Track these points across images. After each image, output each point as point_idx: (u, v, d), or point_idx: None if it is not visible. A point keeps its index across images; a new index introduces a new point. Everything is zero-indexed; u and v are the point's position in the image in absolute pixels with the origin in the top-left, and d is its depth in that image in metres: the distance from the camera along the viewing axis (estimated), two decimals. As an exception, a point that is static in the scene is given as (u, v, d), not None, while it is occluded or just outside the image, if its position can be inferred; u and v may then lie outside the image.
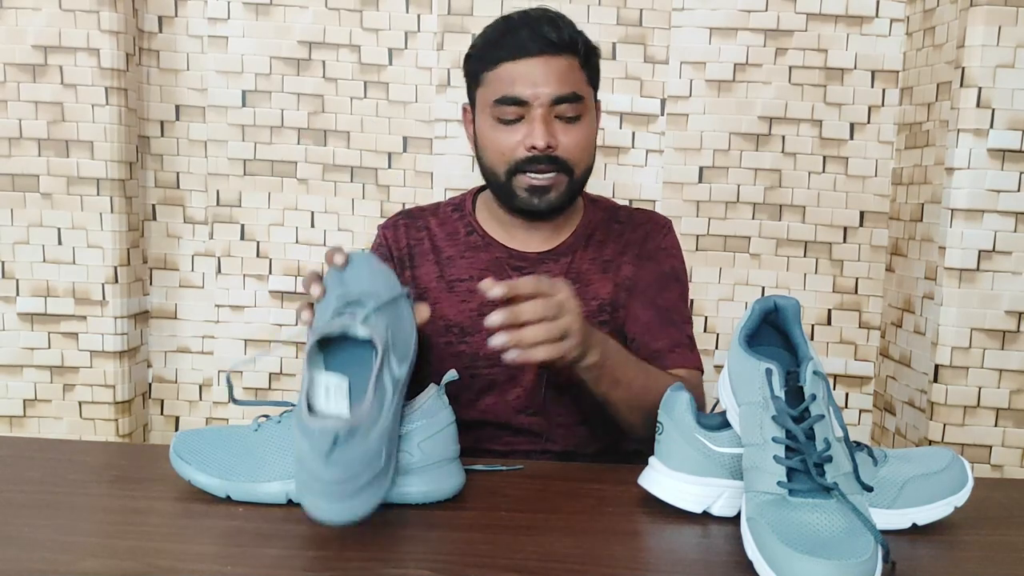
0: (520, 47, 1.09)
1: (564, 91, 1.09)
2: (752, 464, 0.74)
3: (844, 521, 0.68)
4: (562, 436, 1.17)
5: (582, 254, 1.21)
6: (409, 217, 1.26)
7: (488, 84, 1.13)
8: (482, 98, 1.14)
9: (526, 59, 1.09)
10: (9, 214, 1.68)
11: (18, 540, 0.73)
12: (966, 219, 1.48)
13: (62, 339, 1.71)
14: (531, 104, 1.09)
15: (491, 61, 1.12)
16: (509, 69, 1.10)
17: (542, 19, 1.11)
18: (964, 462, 0.82)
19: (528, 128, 1.10)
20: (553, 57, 1.09)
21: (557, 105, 1.09)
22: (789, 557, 0.64)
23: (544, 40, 1.09)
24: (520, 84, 1.09)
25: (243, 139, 1.79)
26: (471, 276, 1.19)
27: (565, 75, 1.10)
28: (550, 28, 1.09)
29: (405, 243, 1.23)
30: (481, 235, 1.22)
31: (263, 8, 1.75)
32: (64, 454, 1.00)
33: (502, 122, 1.11)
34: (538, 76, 1.08)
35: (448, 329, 1.17)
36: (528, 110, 1.10)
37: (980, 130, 1.46)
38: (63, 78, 1.65)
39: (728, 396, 0.81)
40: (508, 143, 1.11)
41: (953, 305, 1.50)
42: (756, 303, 0.83)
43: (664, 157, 1.78)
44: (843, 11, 1.72)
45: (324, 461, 0.69)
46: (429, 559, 0.71)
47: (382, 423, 0.73)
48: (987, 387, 1.52)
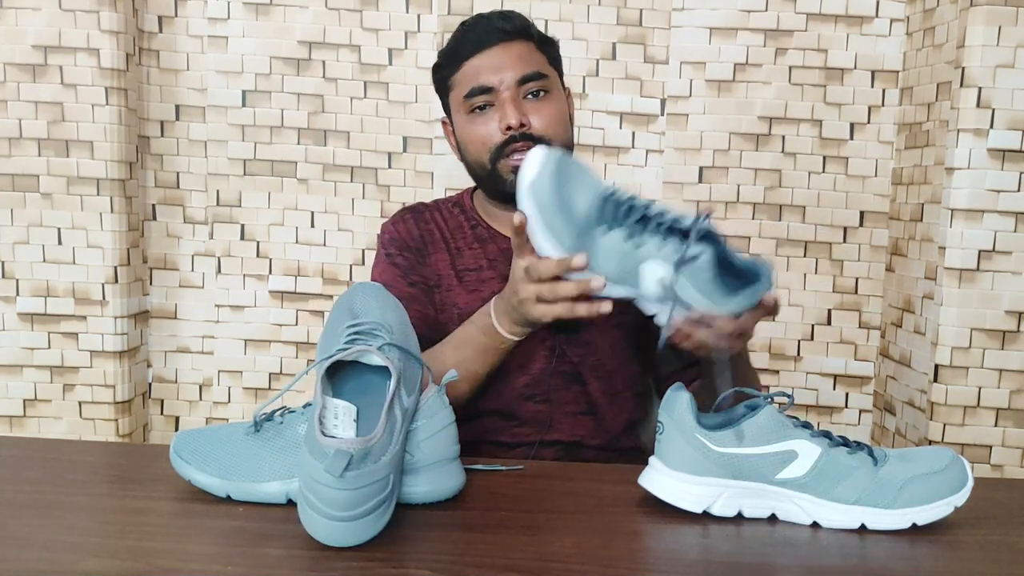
0: (477, 41, 1.17)
1: (527, 71, 1.16)
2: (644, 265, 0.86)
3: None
4: (568, 426, 1.18)
5: None
6: (414, 211, 1.29)
7: (457, 85, 1.19)
8: (455, 101, 1.20)
9: (485, 51, 1.16)
10: (9, 214, 1.68)
11: (18, 540, 0.73)
12: (966, 219, 1.48)
13: (62, 339, 1.71)
14: (498, 89, 1.15)
15: (455, 63, 1.19)
16: (472, 64, 1.17)
17: (492, 15, 1.20)
18: (964, 462, 0.82)
19: (500, 112, 1.15)
20: (509, 43, 1.17)
21: (523, 85, 1.15)
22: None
23: (498, 30, 1.16)
24: (484, 73, 1.15)
25: (243, 139, 1.79)
26: (479, 266, 1.21)
27: (525, 57, 1.17)
28: (501, 20, 1.18)
29: (417, 233, 1.25)
30: (486, 227, 1.24)
31: (263, 8, 1.75)
32: (64, 454, 1.00)
33: (476, 113, 1.17)
34: (499, 62, 1.15)
35: (461, 318, 1.18)
36: (496, 96, 1.15)
37: (980, 130, 1.46)
38: (63, 78, 1.65)
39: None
40: (485, 131, 1.16)
41: (953, 305, 1.50)
42: None
43: (664, 157, 1.78)
44: (843, 11, 1.72)
45: (337, 481, 0.69)
46: (429, 559, 0.71)
47: (392, 449, 0.74)
48: (987, 387, 1.51)
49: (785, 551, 0.75)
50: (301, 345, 1.83)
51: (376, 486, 0.71)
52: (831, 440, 0.82)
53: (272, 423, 0.84)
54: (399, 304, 0.92)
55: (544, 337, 1.17)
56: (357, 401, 0.80)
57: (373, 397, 0.78)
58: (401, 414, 0.78)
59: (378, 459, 0.72)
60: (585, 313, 0.94)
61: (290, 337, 1.83)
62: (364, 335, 0.82)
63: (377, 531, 0.73)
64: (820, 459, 0.80)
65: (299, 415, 0.84)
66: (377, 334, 0.82)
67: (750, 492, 0.81)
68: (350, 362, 0.82)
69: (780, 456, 0.80)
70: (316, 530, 0.71)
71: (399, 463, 0.77)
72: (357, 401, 0.80)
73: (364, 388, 0.81)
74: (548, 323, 0.99)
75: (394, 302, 0.92)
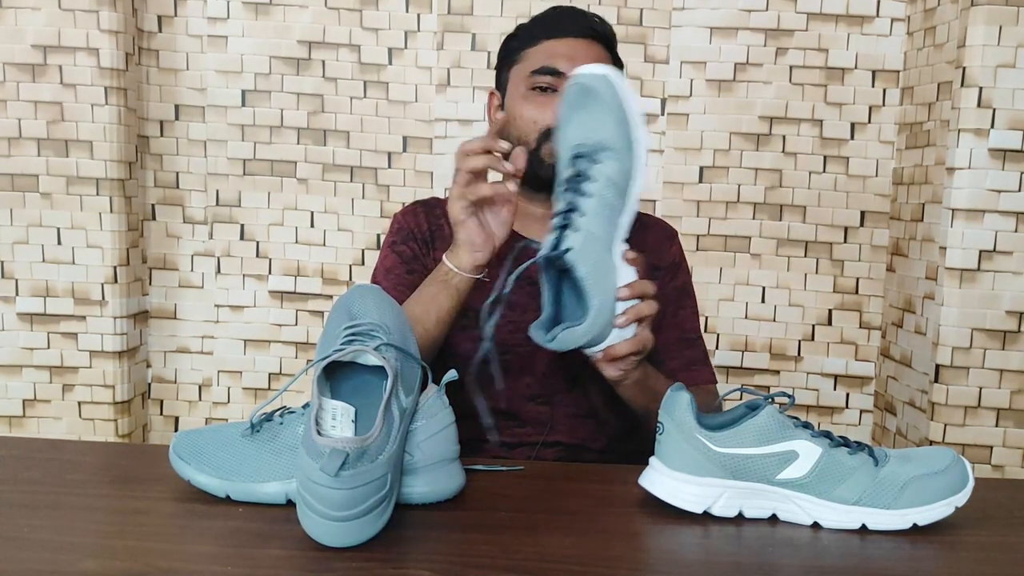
0: (563, 28, 1.19)
1: None
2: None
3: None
4: (569, 428, 1.18)
5: None
6: (425, 205, 1.30)
7: (527, 59, 1.20)
8: (518, 73, 1.21)
9: (567, 39, 1.18)
10: (8, 214, 1.68)
11: (17, 540, 0.73)
12: (967, 219, 1.48)
13: (61, 339, 1.71)
14: (566, 77, 1.13)
15: (533, 38, 1.21)
16: (552, 45, 1.19)
17: (588, 12, 1.23)
18: (965, 462, 0.82)
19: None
20: (592, 42, 1.19)
21: None
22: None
23: (586, 26, 1.19)
24: (560, 58, 1.17)
25: (243, 139, 1.79)
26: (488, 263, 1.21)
27: (600, 59, 1.17)
28: (593, 20, 1.21)
29: (427, 227, 1.26)
30: None
31: (263, 8, 1.75)
32: (63, 454, 1.00)
33: (536, 91, 1.18)
34: (577, 53, 1.17)
35: (465, 313, 1.18)
36: (562, 83, 1.14)
37: (981, 130, 1.46)
38: (62, 78, 1.65)
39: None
40: (539, 113, 1.17)
41: (954, 305, 1.50)
42: None
43: (664, 157, 1.78)
44: (844, 11, 1.71)
45: (333, 480, 0.69)
46: (429, 559, 0.71)
47: (389, 449, 0.74)
48: (988, 387, 1.51)
49: (786, 551, 0.75)
50: (301, 345, 1.83)
51: (373, 485, 0.71)
52: (832, 440, 0.81)
53: (272, 423, 0.84)
54: (397, 306, 0.92)
55: None
56: (356, 402, 0.80)
57: (372, 398, 0.78)
58: (399, 413, 0.78)
59: (375, 458, 0.72)
60: (487, 190, 1.01)
61: (290, 337, 1.83)
62: (361, 336, 0.82)
63: (376, 531, 0.73)
64: (821, 459, 0.80)
65: (299, 415, 0.84)
66: (374, 335, 0.82)
67: (751, 492, 0.81)
68: (349, 364, 0.82)
69: (781, 456, 0.80)
70: (314, 531, 0.71)
71: (397, 463, 0.77)
72: (356, 402, 0.80)
73: (363, 389, 0.81)
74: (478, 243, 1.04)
75: (392, 304, 0.91)
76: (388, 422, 0.75)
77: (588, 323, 0.89)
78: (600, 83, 0.90)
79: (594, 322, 0.89)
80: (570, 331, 0.90)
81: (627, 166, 0.89)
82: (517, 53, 1.22)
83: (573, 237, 0.88)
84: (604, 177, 0.88)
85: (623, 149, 0.88)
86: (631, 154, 0.90)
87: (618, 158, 0.88)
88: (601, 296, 0.89)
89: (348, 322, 0.84)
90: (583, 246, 0.88)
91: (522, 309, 1.18)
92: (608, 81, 0.90)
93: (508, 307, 1.18)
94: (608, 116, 0.89)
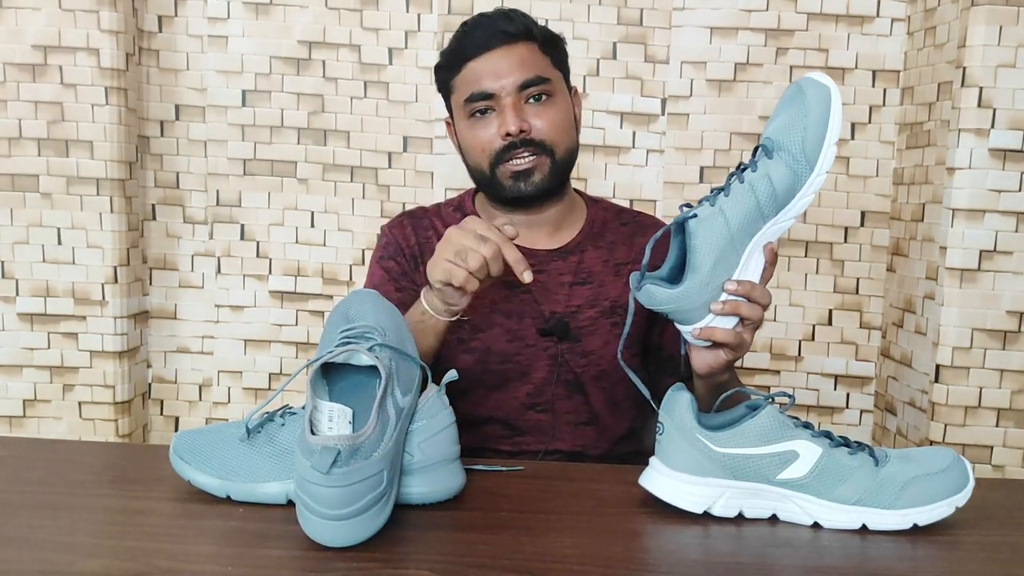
0: (478, 44, 1.14)
1: (528, 75, 1.14)
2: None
3: None
4: (569, 435, 1.18)
5: (592, 253, 1.22)
6: (413, 217, 1.27)
7: (458, 88, 1.17)
8: (456, 103, 1.19)
9: (486, 54, 1.14)
10: (9, 214, 1.68)
11: (18, 540, 0.73)
12: (967, 219, 1.48)
13: (62, 339, 1.71)
14: (499, 95, 1.13)
15: (456, 65, 1.17)
16: (473, 68, 1.15)
17: (495, 15, 1.17)
18: (965, 462, 0.82)
19: (500, 118, 1.13)
20: (511, 46, 1.14)
21: (524, 90, 1.13)
22: None
23: (500, 32, 1.14)
24: (485, 78, 1.14)
25: (243, 139, 1.79)
26: None
27: (526, 61, 1.14)
28: (503, 21, 1.15)
29: (415, 241, 1.23)
30: None
31: (263, 8, 1.75)
32: (64, 454, 1.00)
33: (476, 118, 1.15)
34: (500, 67, 1.13)
35: (460, 325, 1.18)
36: (497, 101, 1.14)
37: (981, 130, 1.46)
38: (63, 78, 1.65)
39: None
40: (485, 136, 1.15)
41: (954, 305, 1.50)
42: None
43: (665, 157, 1.78)
44: (844, 11, 1.71)
45: (326, 478, 0.69)
46: (429, 559, 0.71)
47: (384, 447, 0.74)
48: (988, 387, 1.51)
49: (786, 552, 0.75)
50: (301, 345, 1.83)
51: (369, 483, 0.71)
52: (832, 440, 0.81)
53: (273, 424, 0.84)
54: (395, 309, 0.92)
55: (546, 346, 1.16)
56: (353, 404, 0.80)
57: (369, 400, 0.78)
58: (395, 412, 0.78)
59: (369, 455, 0.72)
60: (461, 279, 0.96)
61: (290, 337, 1.83)
62: (356, 338, 0.82)
63: (374, 530, 0.73)
64: (821, 459, 0.80)
65: (300, 416, 0.84)
66: (369, 336, 0.82)
67: (751, 492, 0.81)
68: (346, 366, 0.82)
69: (781, 456, 0.80)
70: (313, 531, 0.71)
71: (394, 461, 0.77)
72: (353, 404, 0.80)
73: (360, 391, 0.81)
74: (457, 309, 1.02)
75: (389, 307, 0.91)
76: (383, 420, 0.75)
77: (677, 291, 0.88)
78: (816, 92, 0.87)
79: (684, 294, 0.87)
80: (657, 288, 0.88)
81: (794, 179, 0.86)
82: (449, 84, 1.19)
83: (705, 209, 0.87)
84: (766, 175, 0.87)
85: (800, 160, 0.86)
86: (806, 171, 0.87)
87: (790, 166, 0.86)
88: (701, 274, 0.87)
89: (344, 326, 0.84)
90: (707, 220, 0.87)
91: (518, 317, 1.18)
92: (825, 93, 0.87)
93: (505, 315, 1.18)
94: (805, 123, 0.86)
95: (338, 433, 0.77)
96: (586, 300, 1.20)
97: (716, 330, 0.89)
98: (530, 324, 1.18)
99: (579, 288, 1.20)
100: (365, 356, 0.79)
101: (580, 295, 1.20)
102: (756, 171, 0.87)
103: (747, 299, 0.88)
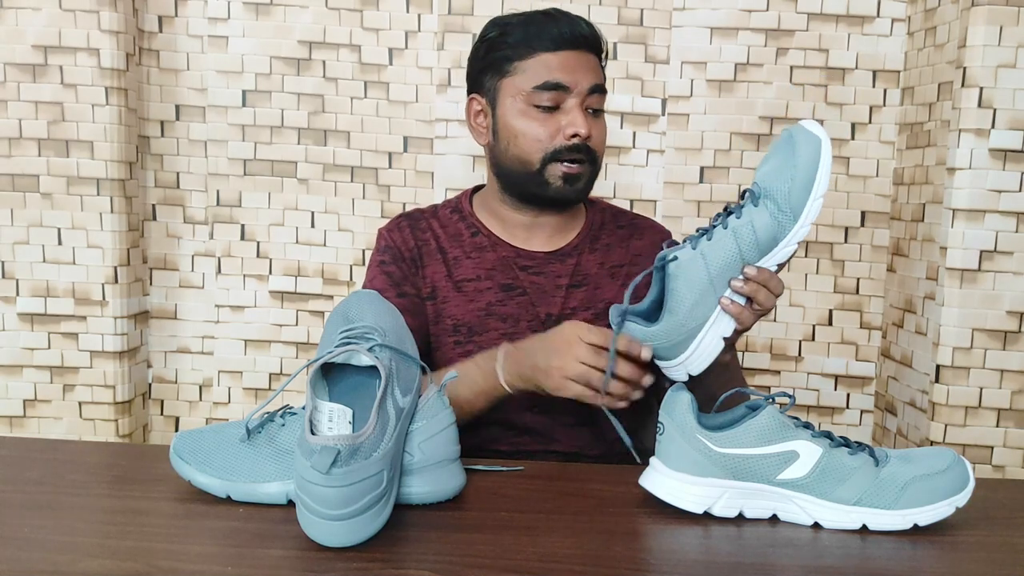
0: (560, 39, 1.14)
1: (599, 81, 1.16)
2: None
3: None
4: (566, 436, 1.18)
5: (588, 256, 1.22)
6: (410, 219, 1.27)
7: (523, 72, 1.15)
8: (512, 86, 1.16)
9: (565, 51, 1.14)
10: (9, 214, 1.68)
11: (18, 540, 0.73)
12: (967, 219, 1.48)
13: (62, 339, 1.71)
14: (571, 91, 1.13)
15: (527, 50, 1.15)
16: (547, 59, 1.14)
17: (574, 18, 1.17)
18: (966, 463, 0.82)
19: (567, 117, 1.14)
20: (587, 53, 1.16)
21: (590, 96, 1.15)
22: None
23: (582, 36, 1.15)
24: (562, 71, 1.13)
25: (243, 139, 1.79)
26: (478, 276, 1.20)
27: (596, 69, 1.17)
28: (587, 27, 1.17)
29: (413, 243, 1.23)
30: (487, 235, 1.23)
31: (263, 8, 1.75)
32: (64, 454, 1.00)
33: (538, 109, 1.14)
34: (577, 66, 1.14)
35: (456, 329, 1.18)
36: (565, 98, 1.14)
37: (981, 130, 1.46)
38: (63, 78, 1.65)
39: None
40: (544, 130, 1.14)
41: (954, 305, 1.50)
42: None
43: (665, 157, 1.78)
44: (844, 11, 1.71)
45: (325, 478, 0.69)
46: (430, 560, 0.71)
47: (384, 447, 0.74)
48: (988, 388, 1.51)
49: (786, 552, 0.75)
50: (301, 345, 1.83)
51: (368, 483, 0.71)
52: (832, 441, 0.82)
53: (273, 424, 0.84)
54: (395, 309, 0.92)
55: None
56: (353, 405, 0.80)
57: (369, 400, 0.79)
58: (395, 412, 0.78)
59: (369, 455, 0.72)
60: (602, 402, 0.97)
61: (290, 337, 1.83)
62: (356, 339, 0.82)
63: (375, 530, 0.73)
64: (821, 460, 0.80)
65: (299, 416, 0.84)
66: (369, 337, 0.82)
67: (751, 493, 0.81)
68: (346, 366, 0.82)
69: (781, 457, 0.80)
70: (313, 531, 0.72)
71: (394, 460, 0.77)
72: (353, 405, 0.80)
73: (360, 392, 0.81)
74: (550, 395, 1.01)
75: (389, 307, 0.91)
76: (382, 420, 0.75)
77: (654, 329, 0.90)
78: (807, 143, 0.88)
79: (660, 332, 0.90)
80: (635, 326, 0.91)
81: (777, 229, 0.87)
82: (508, 63, 1.16)
83: (686, 252, 0.89)
84: (750, 222, 0.87)
85: (785, 211, 0.86)
86: (790, 221, 0.87)
87: (775, 216, 0.86)
88: (678, 316, 0.89)
89: (344, 326, 0.84)
90: (688, 264, 0.88)
91: (514, 320, 1.18)
92: (816, 146, 0.87)
93: (500, 319, 1.18)
94: (793, 174, 0.87)
95: (338, 433, 0.78)
96: (581, 302, 1.20)
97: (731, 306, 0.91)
98: (526, 327, 1.18)
99: (575, 291, 1.20)
100: (365, 356, 0.79)
101: (575, 297, 1.20)
102: (740, 218, 0.88)
103: (765, 287, 0.90)
